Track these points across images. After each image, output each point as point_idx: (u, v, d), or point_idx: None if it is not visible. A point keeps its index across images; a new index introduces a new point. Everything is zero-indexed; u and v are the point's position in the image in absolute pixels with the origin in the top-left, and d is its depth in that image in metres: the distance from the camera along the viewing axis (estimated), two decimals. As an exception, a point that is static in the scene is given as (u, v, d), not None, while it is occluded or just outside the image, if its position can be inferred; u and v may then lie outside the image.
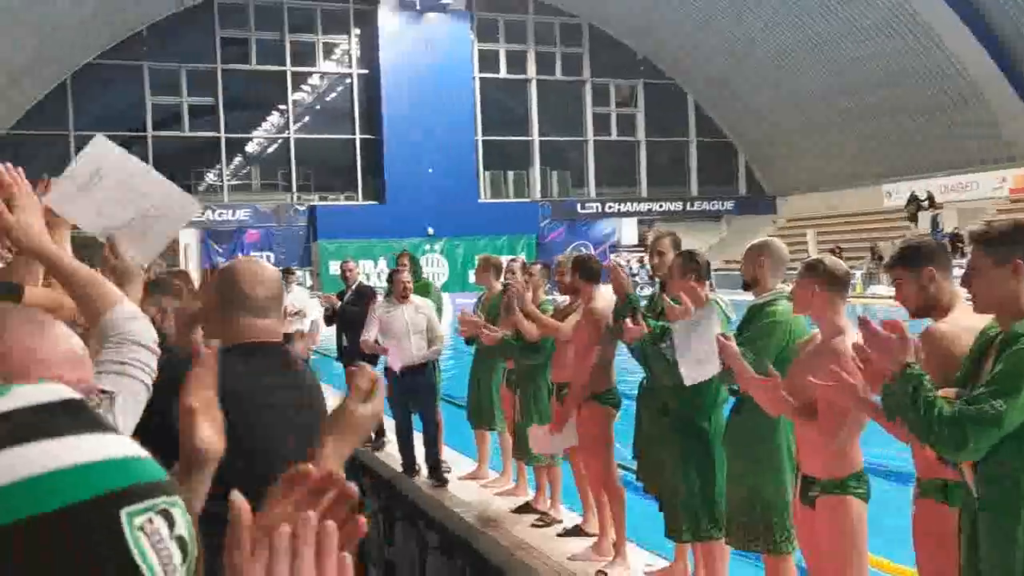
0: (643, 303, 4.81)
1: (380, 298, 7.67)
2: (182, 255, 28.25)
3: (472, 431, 7.39)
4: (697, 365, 3.67)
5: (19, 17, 22.38)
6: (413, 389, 7.18)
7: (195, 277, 4.92)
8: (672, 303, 3.80)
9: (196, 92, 30.78)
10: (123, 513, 0.63)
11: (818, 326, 3.32)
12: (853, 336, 3.17)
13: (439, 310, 7.79)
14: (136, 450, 0.67)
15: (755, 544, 3.80)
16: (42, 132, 28.26)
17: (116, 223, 2.32)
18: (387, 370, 7.27)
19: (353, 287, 8.72)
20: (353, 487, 0.92)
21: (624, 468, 5.37)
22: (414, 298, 7.25)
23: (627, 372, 6.04)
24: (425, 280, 8.24)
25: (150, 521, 0.64)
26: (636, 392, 5.30)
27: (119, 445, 0.66)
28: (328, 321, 8.84)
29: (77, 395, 0.70)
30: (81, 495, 0.62)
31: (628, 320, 4.30)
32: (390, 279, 7.47)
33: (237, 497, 0.92)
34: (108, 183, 2.37)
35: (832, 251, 21.65)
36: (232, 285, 2.32)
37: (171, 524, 0.65)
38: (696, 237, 26.12)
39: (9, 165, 2.12)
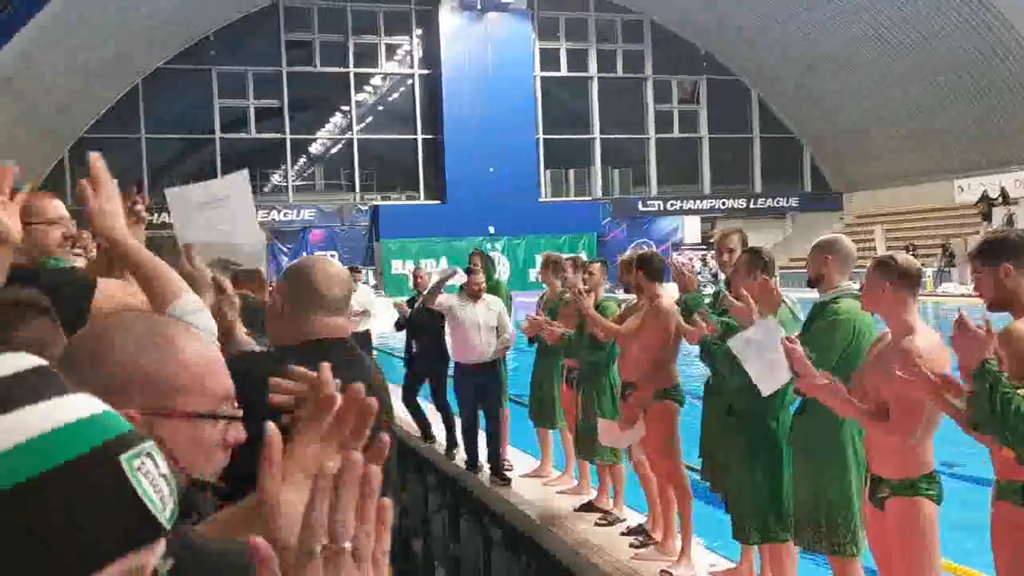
0: (707, 301, 4.77)
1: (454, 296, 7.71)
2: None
3: (534, 429, 7.41)
4: (769, 373, 3.61)
5: (95, 25, 23.10)
6: (482, 386, 7.23)
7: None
8: (736, 302, 3.76)
9: (262, 95, 31.39)
10: (122, 459, 0.69)
11: (888, 325, 3.25)
12: (925, 335, 3.11)
13: (508, 310, 7.83)
14: (106, 406, 0.73)
15: (819, 545, 3.75)
16: (116, 135, 29.11)
17: (200, 238, 2.44)
18: (457, 366, 7.36)
19: (424, 291, 8.58)
20: (372, 402, 0.95)
21: (689, 468, 5.33)
22: (486, 296, 7.31)
23: (690, 371, 6.00)
24: (497, 280, 8.23)
25: (143, 463, 0.70)
26: (697, 391, 5.27)
27: (95, 402, 0.73)
28: (398, 327, 8.79)
29: (44, 362, 0.76)
30: (82, 448, 0.68)
31: (694, 319, 4.28)
32: (468, 280, 7.56)
33: (272, 428, 0.98)
34: (219, 209, 2.53)
35: (906, 249, 21.17)
36: (307, 284, 2.35)
37: (156, 463, 0.72)
38: (760, 235, 25.71)
39: (98, 155, 2.22)
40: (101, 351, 1.13)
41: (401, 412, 7.90)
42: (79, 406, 0.71)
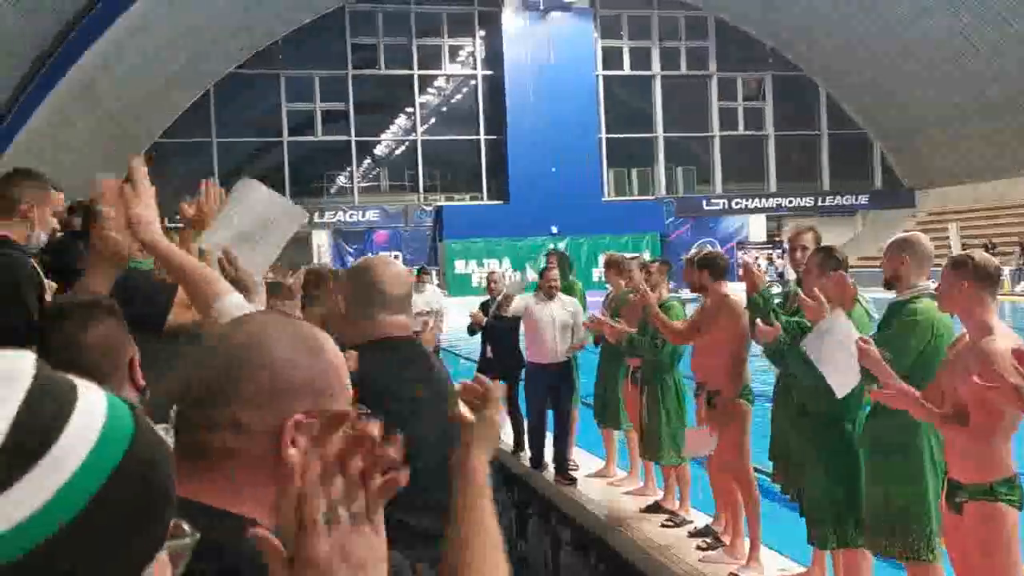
0: (776, 301, 4.70)
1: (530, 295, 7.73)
2: (315, 255, 29.33)
3: (599, 430, 7.41)
4: (843, 374, 3.55)
5: (169, 33, 23.75)
6: (554, 386, 7.25)
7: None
8: (810, 300, 3.69)
9: (328, 98, 31.88)
10: (161, 430, 0.72)
11: (965, 326, 3.17)
12: (1004, 336, 3.02)
13: (583, 309, 7.84)
14: (102, 392, 0.73)
15: (894, 551, 3.67)
16: (188, 139, 29.89)
17: (228, 236, 2.49)
18: (530, 365, 7.39)
19: (498, 299, 8.54)
20: (390, 454, 0.93)
21: (758, 471, 5.26)
22: (562, 296, 7.33)
23: (758, 372, 5.92)
24: (571, 281, 8.23)
25: (166, 433, 0.74)
26: (760, 392, 5.21)
27: (98, 393, 0.72)
28: (471, 332, 8.78)
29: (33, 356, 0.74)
30: (117, 455, 0.68)
31: (760, 321, 4.23)
32: (540, 276, 7.58)
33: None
34: (262, 228, 2.58)
35: (984, 247, 20.53)
36: (369, 283, 2.38)
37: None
38: (829, 233, 25.18)
39: (139, 160, 2.29)
40: (260, 358, 1.09)
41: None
42: (96, 408, 0.70)
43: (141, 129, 27.34)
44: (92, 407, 0.69)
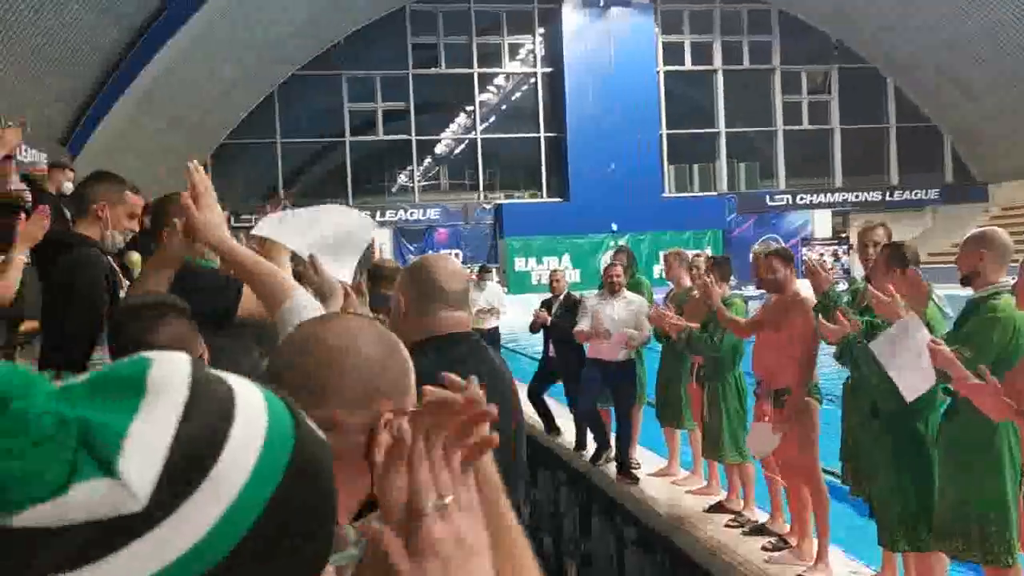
0: (844, 299, 4.60)
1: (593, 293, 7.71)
2: (377, 254, 29.65)
3: (661, 428, 7.34)
4: (912, 377, 3.45)
5: (232, 36, 24.22)
6: (614, 383, 7.22)
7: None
8: (883, 297, 3.59)
9: (389, 97, 32.17)
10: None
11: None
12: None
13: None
14: (259, 389, 0.70)
15: (970, 554, 3.57)
16: (252, 141, 30.45)
17: (313, 243, 2.57)
18: (590, 360, 7.37)
19: (561, 297, 8.38)
20: (492, 409, 0.93)
21: (826, 471, 5.16)
22: (626, 293, 7.29)
23: (823, 371, 5.81)
24: (638, 278, 8.18)
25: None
26: (827, 391, 5.08)
27: (256, 393, 0.68)
28: (532, 329, 8.78)
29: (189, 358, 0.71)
30: (290, 428, 0.66)
31: (822, 320, 4.14)
32: (603, 272, 7.57)
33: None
34: (301, 214, 2.72)
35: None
36: (428, 280, 2.40)
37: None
38: (898, 228, 24.62)
39: (197, 164, 2.32)
40: (348, 360, 1.12)
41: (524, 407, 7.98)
42: (256, 408, 0.66)
43: (207, 132, 27.94)
44: (252, 409, 0.65)
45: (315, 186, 31.87)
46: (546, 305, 8.49)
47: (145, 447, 0.58)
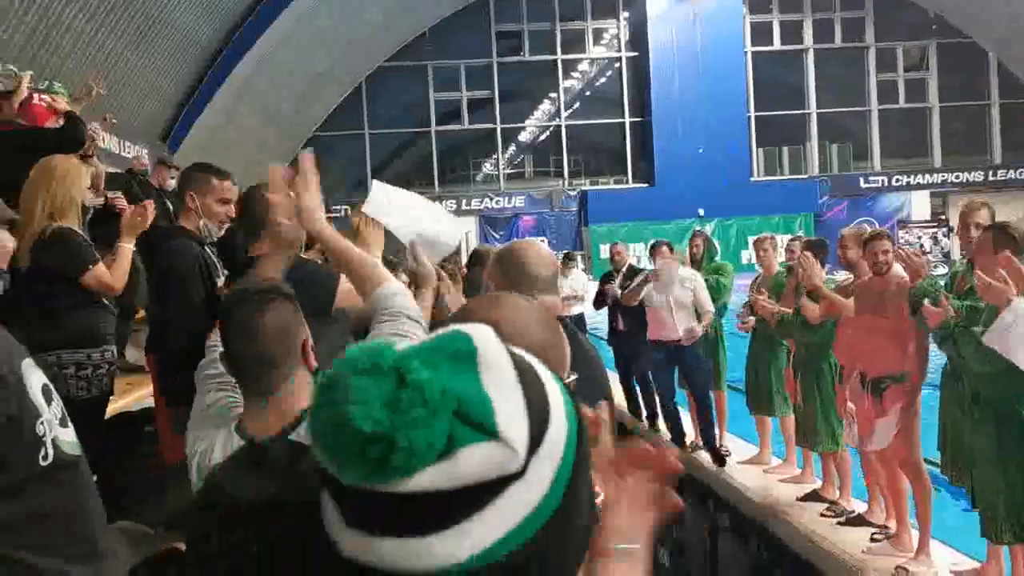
0: (941, 284, 4.45)
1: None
2: (463, 241, 29.87)
3: (752, 416, 7.24)
4: None
5: (321, 30, 24.70)
6: (681, 365, 7.16)
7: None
8: (994, 283, 3.45)
9: (474, 86, 32.35)
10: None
11: None
12: None
13: (725, 287, 7.71)
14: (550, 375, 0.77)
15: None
16: (341, 132, 31.03)
17: (412, 231, 2.64)
18: (652, 342, 7.33)
19: (623, 270, 8.52)
20: (679, 467, 0.94)
21: (926, 461, 5.00)
22: (682, 270, 7.23)
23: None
24: (717, 263, 8.10)
25: None
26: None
27: (554, 385, 0.75)
28: (597, 304, 8.87)
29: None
30: (570, 401, 0.72)
31: (927, 303, 4.01)
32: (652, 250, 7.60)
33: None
34: (404, 196, 2.82)
35: None
36: (518, 265, 2.41)
37: None
38: (1001, 209, 23.54)
39: (307, 154, 2.40)
40: (520, 326, 1.17)
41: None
42: (553, 382, 0.71)
43: (298, 124, 28.59)
44: (552, 383, 0.70)
45: (402, 176, 32.33)
46: (607, 279, 8.56)
47: (511, 413, 0.64)
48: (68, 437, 2.05)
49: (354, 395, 0.62)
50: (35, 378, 2.00)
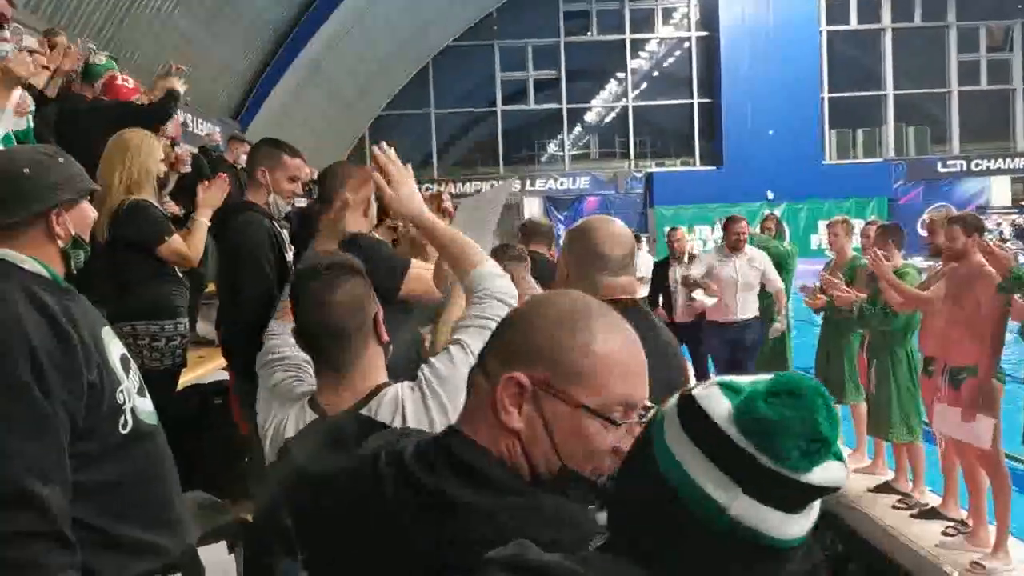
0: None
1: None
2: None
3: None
4: None
5: (389, 9, 24.78)
6: (739, 346, 7.03)
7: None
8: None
9: (540, 66, 32.19)
10: None
11: None
12: None
13: (790, 271, 7.55)
14: None
15: None
16: (408, 112, 31.19)
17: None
18: (710, 323, 7.21)
19: (685, 259, 8.20)
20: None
21: (1008, 457, 4.83)
22: (749, 250, 7.08)
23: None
24: (778, 245, 7.94)
25: None
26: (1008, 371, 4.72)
27: None
28: (652, 302, 8.72)
29: None
30: None
31: (1018, 299, 3.84)
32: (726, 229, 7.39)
33: None
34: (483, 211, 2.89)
35: None
36: (589, 244, 2.36)
37: None
38: (1087, 196, 22.62)
39: (384, 145, 2.38)
40: (529, 318, 1.18)
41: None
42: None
43: (364, 103, 28.81)
44: None
45: (467, 156, 32.40)
46: (660, 268, 8.27)
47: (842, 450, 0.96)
48: (146, 407, 2.08)
49: (817, 408, 0.89)
50: (114, 347, 2.03)
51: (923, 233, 6.71)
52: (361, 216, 3.19)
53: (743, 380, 0.95)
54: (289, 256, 3.73)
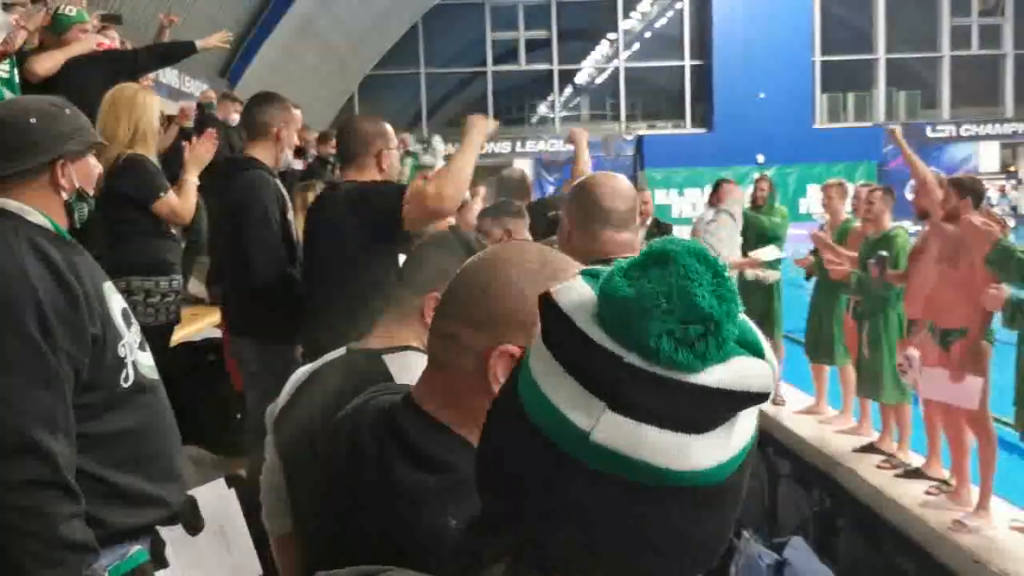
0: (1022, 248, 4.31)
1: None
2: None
3: (808, 364, 7.15)
4: None
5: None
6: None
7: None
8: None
9: (532, 26, 31.86)
10: None
11: None
12: None
13: (779, 239, 7.57)
14: None
15: None
16: (397, 71, 30.88)
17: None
18: None
19: (648, 222, 8.27)
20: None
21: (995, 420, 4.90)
22: (706, 213, 7.14)
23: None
24: (777, 207, 7.98)
25: None
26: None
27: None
28: None
29: None
30: None
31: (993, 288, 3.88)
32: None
33: None
34: None
35: None
36: (591, 199, 2.35)
37: None
38: (1075, 163, 22.69)
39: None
40: (496, 281, 1.11)
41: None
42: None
43: (357, 62, 28.49)
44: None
45: (457, 116, 32.13)
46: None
47: (766, 346, 0.67)
48: (147, 361, 2.10)
49: (692, 275, 0.63)
50: (116, 301, 2.04)
51: (910, 197, 6.74)
52: (376, 170, 3.25)
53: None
54: (291, 216, 3.71)
